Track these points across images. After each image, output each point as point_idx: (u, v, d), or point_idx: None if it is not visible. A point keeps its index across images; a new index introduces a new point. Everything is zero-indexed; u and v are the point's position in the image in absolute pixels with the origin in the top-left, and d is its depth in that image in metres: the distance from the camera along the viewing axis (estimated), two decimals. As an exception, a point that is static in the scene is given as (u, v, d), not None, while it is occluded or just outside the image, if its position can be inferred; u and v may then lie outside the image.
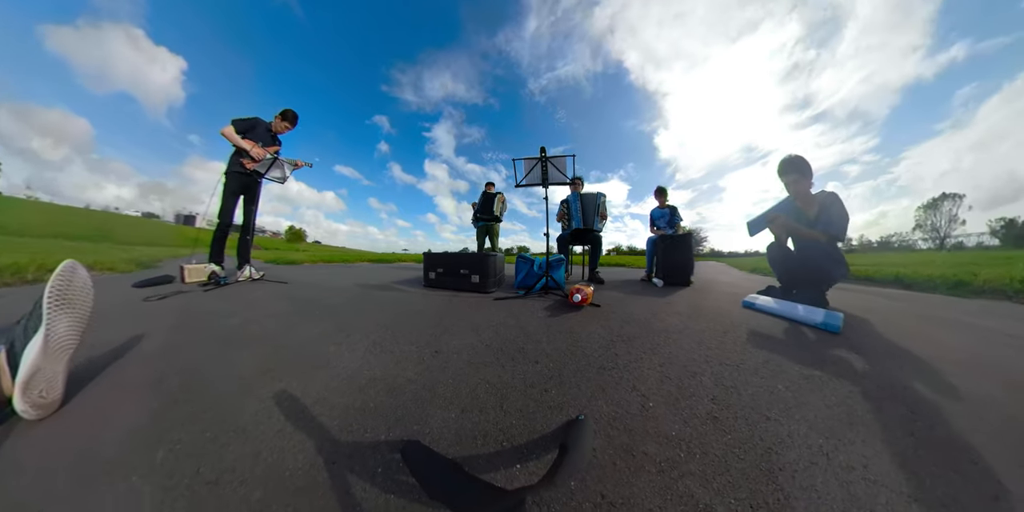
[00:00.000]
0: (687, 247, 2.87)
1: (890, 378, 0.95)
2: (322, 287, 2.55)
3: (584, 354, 1.07)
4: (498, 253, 2.66)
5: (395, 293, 2.25)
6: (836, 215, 1.60)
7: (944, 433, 0.71)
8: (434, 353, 1.04)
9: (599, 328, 1.39)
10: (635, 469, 0.57)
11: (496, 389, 0.80)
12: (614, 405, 0.76)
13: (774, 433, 0.68)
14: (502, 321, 1.46)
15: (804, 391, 0.86)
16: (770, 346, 1.18)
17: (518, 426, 0.66)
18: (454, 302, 1.93)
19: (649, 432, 0.66)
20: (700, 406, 0.77)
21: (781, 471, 0.58)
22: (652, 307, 1.86)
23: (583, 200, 3.05)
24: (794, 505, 0.51)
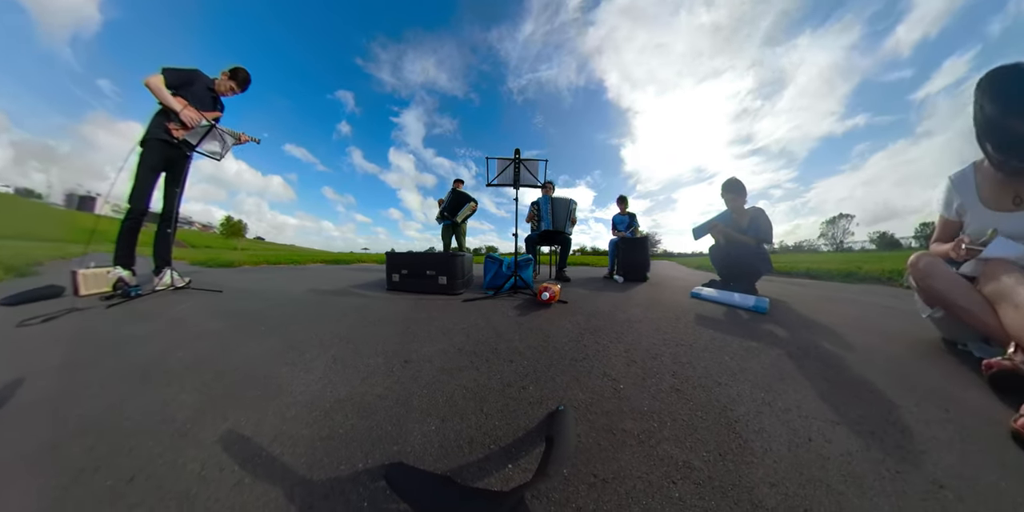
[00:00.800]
0: (644, 248, 3.39)
1: (805, 341, 1.24)
2: (267, 295, 2.12)
3: (556, 348, 1.10)
4: (466, 253, 2.56)
5: (355, 299, 2.00)
6: (763, 225, 2.18)
7: (848, 375, 0.95)
8: (404, 363, 0.96)
9: (568, 323, 1.45)
10: (618, 445, 0.62)
11: (474, 393, 0.78)
12: (589, 392, 0.81)
13: (726, 394, 0.82)
14: (473, 323, 1.41)
15: (745, 359, 1.05)
16: (715, 327, 1.42)
17: (502, 427, 0.66)
18: (421, 306, 1.78)
19: (624, 411, 0.73)
20: (664, 382, 0.87)
21: (737, 422, 0.71)
22: (615, 301, 2.07)
23: (554, 204, 3.17)
24: (752, 445, 0.64)
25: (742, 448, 0.62)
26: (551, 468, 0.48)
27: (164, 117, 1.99)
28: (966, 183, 0.95)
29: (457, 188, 4.39)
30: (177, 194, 2.14)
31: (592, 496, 0.50)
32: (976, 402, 0.80)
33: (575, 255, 12.62)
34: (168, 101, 1.94)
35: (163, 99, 1.94)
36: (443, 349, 1.08)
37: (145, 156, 1.97)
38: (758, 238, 2.14)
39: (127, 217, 1.96)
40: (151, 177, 1.99)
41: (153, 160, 1.98)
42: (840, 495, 0.52)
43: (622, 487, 0.52)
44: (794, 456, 0.61)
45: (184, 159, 2.12)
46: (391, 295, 2.17)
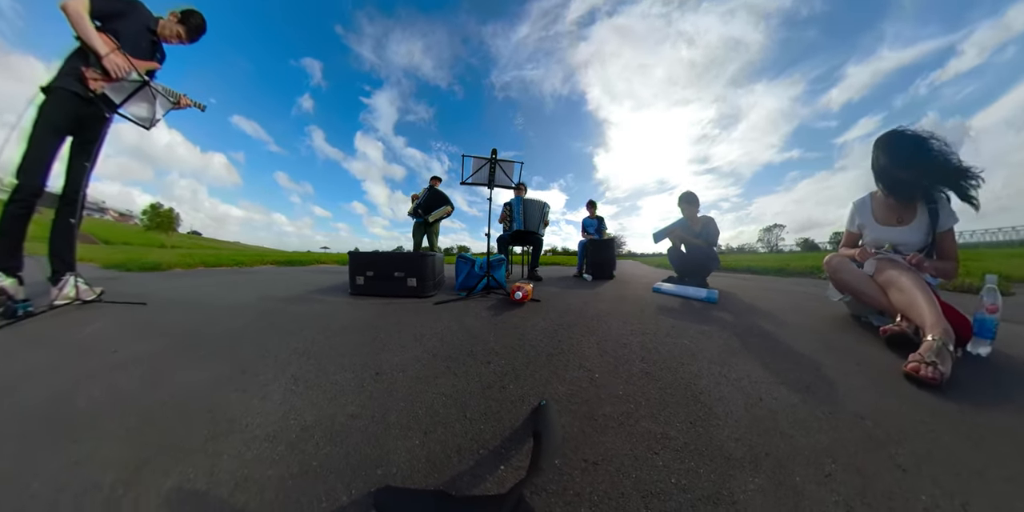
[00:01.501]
0: (611, 249, 3.69)
1: (749, 323, 1.48)
2: (207, 307, 1.74)
3: (532, 346, 1.12)
4: (437, 253, 2.42)
5: (314, 306, 1.78)
6: (712, 231, 2.64)
7: (784, 346, 1.15)
8: (375, 376, 0.88)
9: (541, 320, 1.48)
10: (601, 429, 0.66)
11: (454, 399, 0.76)
12: (568, 384, 0.84)
13: (689, 372, 0.93)
14: (446, 326, 1.36)
15: (701, 341, 1.20)
16: (674, 316, 1.60)
17: (488, 430, 0.65)
18: (390, 311, 1.65)
19: (602, 397, 0.78)
20: (634, 367, 0.95)
21: (701, 394, 0.80)
22: (585, 297, 2.19)
23: (527, 205, 3.25)
24: (716, 411, 0.73)
25: (708, 414, 0.71)
26: (543, 462, 0.49)
27: (80, 60, 1.45)
28: (865, 207, 1.30)
29: (434, 186, 4.20)
30: (87, 169, 1.56)
31: (586, 479, 0.52)
32: (878, 356, 1.05)
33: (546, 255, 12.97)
34: (90, 37, 1.40)
35: (83, 33, 1.40)
36: (417, 356, 1.02)
37: (47, 111, 1.43)
38: (709, 241, 2.60)
39: (12, 199, 1.39)
40: (52, 142, 1.45)
41: (58, 118, 1.44)
42: (791, 438, 0.64)
43: (611, 466, 0.55)
44: (750, 414, 0.72)
45: (100, 121, 1.57)
46: (355, 300, 1.97)
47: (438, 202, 4.13)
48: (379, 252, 2.22)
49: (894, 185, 1.13)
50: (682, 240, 2.65)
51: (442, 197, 4.14)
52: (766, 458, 0.58)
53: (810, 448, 0.61)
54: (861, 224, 1.30)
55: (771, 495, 0.50)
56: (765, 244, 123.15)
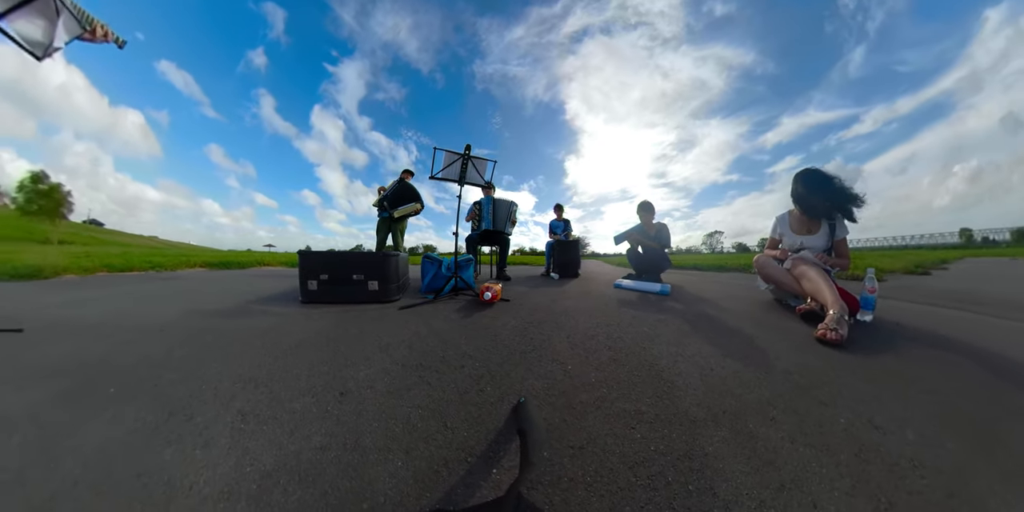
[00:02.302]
0: (576, 249, 3.96)
1: (697, 310, 1.70)
2: (115, 329, 1.35)
3: (504, 345, 1.13)
4: (402, 253, 2.25)
5: (259, 320, 1.50)
6: (666, 235, 3.06)
7: (726, 326, 1.35)
8: (340, 397, 0.78)
9: (512, 319, 1.48)
10: (580, 415, 0.69)
11: (432, 410, 0.72)
12: (543, 378, 0.86)
13: (650, 354, 1.03)
14: (414, 332, 1.29)
15: (658, 327, 1.34)
16: (634, 308, 1.76)
17: (472, 436, 0.63)
18: (349, 319, 1.49)
19: (576, 386, 0.82)
20: (603, 355, 1.02)
21: (662, 372, 0.89)
22: (553, 295, 2.26)
23: (496, 205, 3.17)
24: (677, 384, 0.82)
25: (671, 388, 0.80)
26: (532, 456, 0.50)
27: None
28: (784, 220, 1.70)
29: (406, 179, 3.84)
30: None
31: (576, 464, 0.55)
32: (795, 328, 1.32)
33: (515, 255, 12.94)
34: None
35: None
36: (385, 369, 0.94)
37: None
38: (662, 244, 3.00)
39: None
40: None
41: None
42: (739, 396, 0.76)
43: (596, 447, 0.59)
44: (705, 383, 0.83)
45: None
46: (308, 309, 1.72)
47: (407, 197, 3.71)
48: (335, 251, 1.99)
49: (806, 207, 1.53)
50: (639, 242, 3.01)
51: (412, 192, 3.76)
52: (724, 415, 0.69)
53: (756, 401, 0.74)
54: (781, 233, 1.69)
55: (733, 443, 0.60)
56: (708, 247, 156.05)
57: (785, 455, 0.57)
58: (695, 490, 0.50)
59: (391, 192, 3.72)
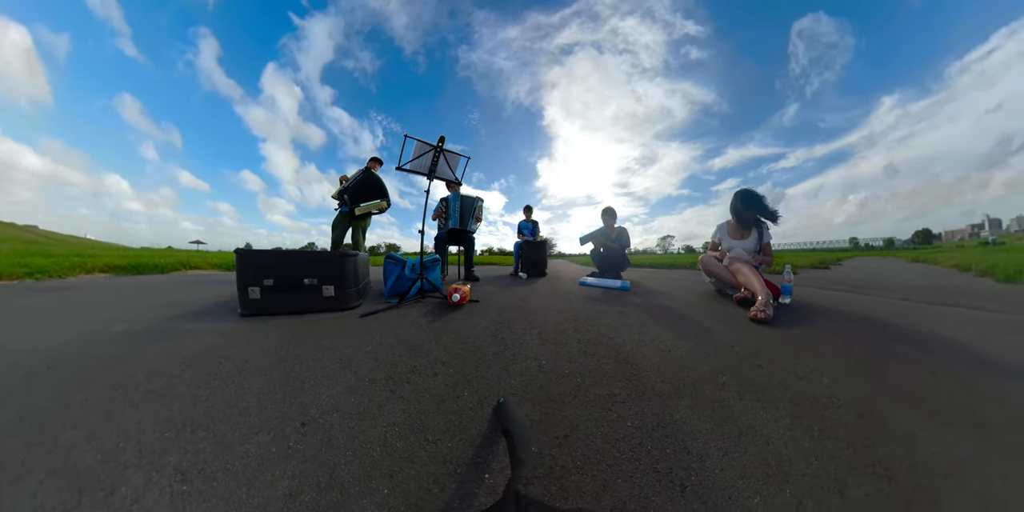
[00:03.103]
0: (544, 250, 4.10)
1: (654, 302, 1.88)
2: None
3: (477, 347, 1.11)
4: (361, 252, 2.02)
5: (188, 343, 1.17)
6: (625, 238, 3.38)
7: (678, 314, 1.54)
8: (302, 428, 0.67)
9: (483, 320, 1.45)
10: (560, 406, 0.72)
11: (409, 426, 0.66)
12: (520, 376, 0.87)
13: (615, 342, 1.11)
14: (379, 342, 1.18)
15: (621, 319, 1.45)
16: (598, 302, 1.89)
17: (457, 446, 0.59)
18: (302, 333, 1.28)
19: (552, 379, 0.85)
20: (573, 347, 1.07)
21: (628, 357, 0.97)
22: (522, 294, 2.28)
23: (463, 202, 3.06)
24: (641, 366, 0.91)
25: (637, 370, 0.88)
26: (521, 454, 0.51)
27: None
28: (723, 228, 2.08)
29: (372, 169, 3.32)
30: None
31: (563, 452, 0.57)
32: (734, 312, 1.56)
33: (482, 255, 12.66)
34: None
35: None
36: (350, 387, 0.83)
37: None
38: (622, 245, 3.31)
39: None
40: None
41: None
42: (695, 369, 0.87)
43: (579, 433, 0.62)
44: (665, 362, 0.93)
45: None
46: (251, 324, 1.39)
47: (373, 192, 3.21)
48: (282, 251, 1.68)
49: (740, 218, 1.94)
50: (602, 244, 3.29)
51: (379, 186, 3.26)
52: (684, 386, 0.78)
53: (708, 372, 0.86)
54: (720, 238, 2.07)
55: (695, 408, 0.70)
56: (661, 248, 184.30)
57: (738, 410, 0.69)
58: (671, 452, 0.56)
59: (355, 184, 3.17)
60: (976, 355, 1.03)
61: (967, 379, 0.86)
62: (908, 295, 2.18)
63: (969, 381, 0.85)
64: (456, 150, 1.99)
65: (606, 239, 3.28)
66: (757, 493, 0.49)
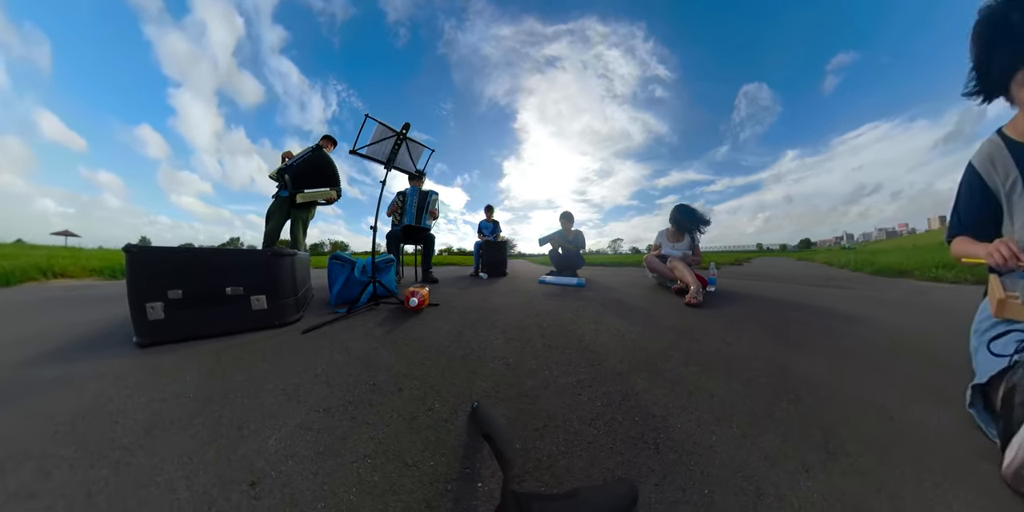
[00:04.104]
0: (504, 250, 4.15)
1: (607, 296, 2.07)
2: None
3: (441, 353, 1.07)
4: (301, 252, 1.72)
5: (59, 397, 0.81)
6: (581, 240, 3.68)
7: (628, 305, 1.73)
8: (252, 488, 0.52)
9: (444, 324, 1.40)
10: (532, 400, 0.74)
11: (383, 454, 0.59)
12: (488, 378, 0.87)
13: (576, 333, 1.19)
14: (329, 362, 1.01)
15: (579, 311, 1.56)
16: (557, 299, 1.99)
17: (441, 463, 0.56)
18: (228, 363, 1.00)
19: (520, 376, 0.87)
20: (537, 342, 1.11)
21: (588, 345, 1.06)
22: (483, 294, 2.25)
23: (420, 197, 2.91)
24: (601, 352, 0.99)
25: (597, 355, 0.96)
26: (508, 454, 0.51)
27: None
28: (663, 233, 2.50)
29: (324, 148, 2.73)
30: None
31: (547, 440, 0.60)
32: (673, 300, 1.84)
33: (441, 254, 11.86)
34: None
35: None
36: (302, 424, 0.68)
37: None
38: (578, 246, 3.59)
39: None
40: None
41: None
42: (645, 349, 1.00)
43: (556, 421, 0.65)
44: (622, 346, 1.03)
45: None
46: (154, 357, 1.04)
47: (322, 177, 2.63)
48: (195, 249, 1.29)
49: (678, 226, 2.38)
50: (560, 245, 3.57)
51: (329, 171, 2.68)
52: (639, 363, 0.88)
53: (658, 349, 0.99)
54: (661, 241, 2.50)
55: (651, 380, 0.80)
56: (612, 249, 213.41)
57: (685, 375, 0.81)
58: (639, 419, 0.64)
59: (301, 164, 2.56)
60: (838, 314, 1.57)
61: (835, 330, 1.28)
62: (796, 281, 3.20)
63: (836, 331, 1.28)
64: (420, 140, 1.83)
65: (563, 241, 3.55)
66: (712, 433, 0.60)
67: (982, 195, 0.76)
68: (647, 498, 0.48)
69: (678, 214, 2.38)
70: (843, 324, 1.37)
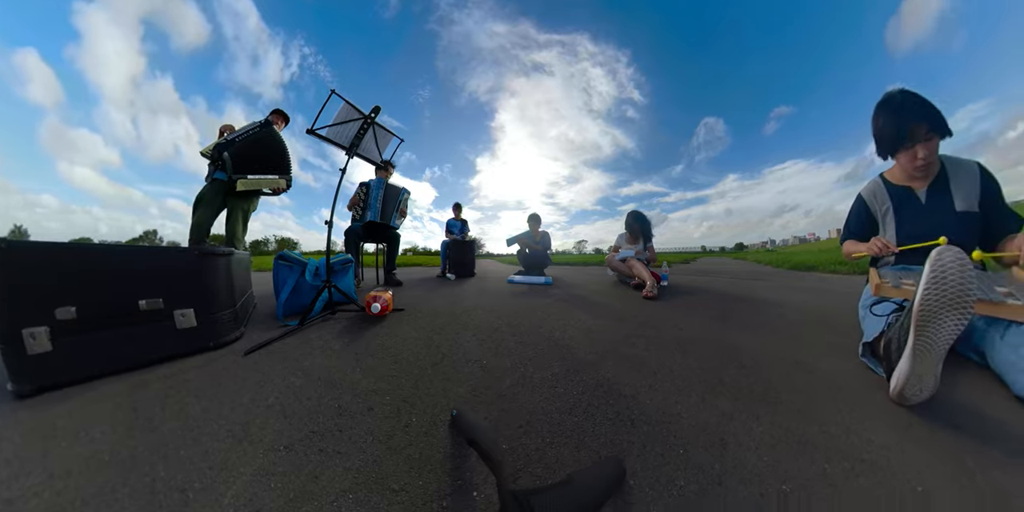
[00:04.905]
0: (472, 250, 4.10)
1: (573, 293, 2.20)
2: None
3: (410, 362, 1.00)
4: (238, 250, 1.38)
5: None
6: (548, 240, 3.81)
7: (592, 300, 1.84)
8: None
9: (412, 330, 1.34)
10: (512, 398, 0.75)
11: (363, 486, 0.53)
12: (464, 383, 0.85)
13: (546, 329, 1.24)
14: (283, 387, 0.86)
15: (547, 309, 1.63)
16: (525, 298, 2.04)
17: (430, 481, 0.53)
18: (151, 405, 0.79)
19: (498, 376, 0.87)
20: (510, 342, 1.12)
21: (559, 340, 1.11)
22: (451, 297, 2.20)
23: (387, 191, 2.59)
24: (570, 344, 1.05)
25: (567, 348, 1.01)
26: (497, 456, 0.51)
27: None
28: (623, 236, 2.80)
29: (274, 125, 2.23)
30: None
31: (532, 435, 0.61)
32: (632, 294, 2.03)
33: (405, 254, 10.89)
34: None
35: None
36: (262, 469, 0.56)
37: None
38: (545, 247, 3.74)
39: None
40: None
41: None
42: (609, 339, 1.08)
43: (538, 415, 0.67)
44: (588, 337, 1.11)
45: None
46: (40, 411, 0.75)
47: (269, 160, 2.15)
48: (95, 246, 0.95)
49: (631, 230, 2.71)
50: (527, 245, 3.70)
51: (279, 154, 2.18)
52: (607, 352, 0.95)
53: (621, 338, 1.08)
54: (620, 244, 2.80)
55: (618, 365, 0.87)
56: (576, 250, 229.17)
57: (647, 358, 0.91)
58: (613, 400, 0.69)
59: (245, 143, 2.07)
60: (765, 299, 1.93)
61: (763, 311, 1.58)
62: (732, 275, 3.85)
63: (764, 312, 1.56)
64: (390, 127, 1.67)
65: (530, 241, 3.69)
66: (677, 403, 0.69)
67: (866, 215, 1.10)
68: (633, 467, 0.53)
69: (631, 219, 2.76)
70: (769, 306, 1.70)
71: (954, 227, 0.92)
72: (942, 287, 0.57)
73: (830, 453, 0.56)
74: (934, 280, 0.57)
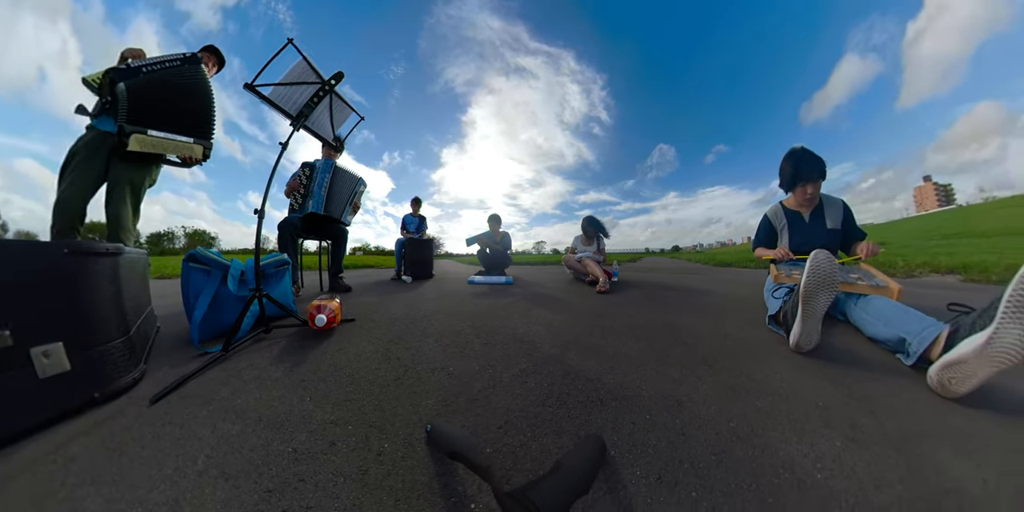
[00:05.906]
0: (429, 249, 3.87)
1: (534, 291, 2.25)
2: None
3: (369, 380, 0.89)
4: (128, 248, 0.91)
5: None
6: (508, 241, 3.86)
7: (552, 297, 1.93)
8: None
9: (366, 343, 1.18)
10: (485, 401, 0.75)
11: None
12: (432, 395, 0.80)
13: (510, 329, 1.26)
14: (213, 439, 0.65)
15: (509, 308, 1.64)
16: (487, 298, 2.03)
17: (422, 507, 0.49)
18: (16, 505, 0.49)
19: (467, 381, 0.85)
20: (475, 345, 1.10)
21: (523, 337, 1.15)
22: (409, 301, 2.03)
23: (336, 176, 2.09)
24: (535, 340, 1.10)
25: (532, 345, 1.05)
26: (482, 462, 0.50)
27: None
28: (579, 238, 3.06)
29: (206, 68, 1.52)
30: None
31: (512, 434, 0.63)
32: (587, 290, 2.21)
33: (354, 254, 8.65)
34: None
35: None
36: None
37: None
38: (505, 247, 3.81)
39: None
40: None
41: None
42: (570, 331, 1.15)
43: (512, 414, 0.69)
44: (551, 332, 1.16)
45: None
46: None
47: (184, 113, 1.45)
48: None
49: (586, 232, 2.93)
50: (487, 245, 3.72)
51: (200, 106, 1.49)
52: (568, 343, 1.03)
53: (581, 328, 1.16)
54: (576, 245, 3.04)
55: (580, 353, 0.94)
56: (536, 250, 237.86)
57: (605, 344, 1.00)
58: (581, 386, 0.75)
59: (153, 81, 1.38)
60: (697, 288, 2.35)
61: (696, 298, 1.88)
62: (671, 271, 4.60)
63: (696, 298, 1.89)
64: (350, 101, 1.40)
65: (491, 241, 3.74)
66: (636, 379, 0.78)
67: (770, 229, 1.51)
68: (611, 439, 0.59)
69: (586, 223, 3.06)
70: (700, 294, 2.06)
71: (825, 239, 1.36)
72: (817, 275, 0.85)
73: (758, 393, 0.74)
74: (812, 271, 0.85)
